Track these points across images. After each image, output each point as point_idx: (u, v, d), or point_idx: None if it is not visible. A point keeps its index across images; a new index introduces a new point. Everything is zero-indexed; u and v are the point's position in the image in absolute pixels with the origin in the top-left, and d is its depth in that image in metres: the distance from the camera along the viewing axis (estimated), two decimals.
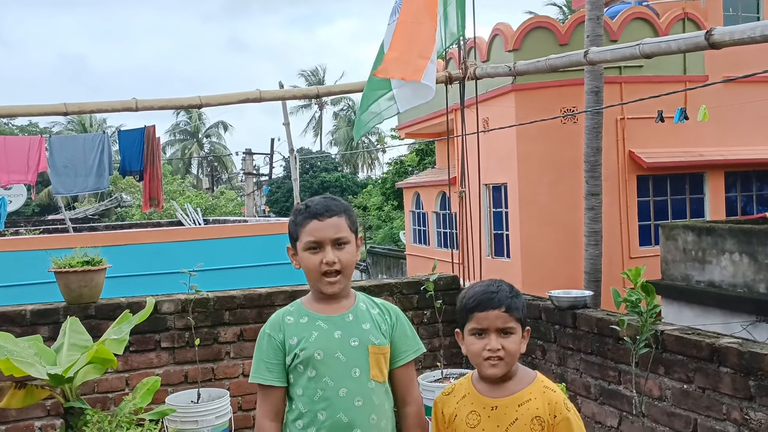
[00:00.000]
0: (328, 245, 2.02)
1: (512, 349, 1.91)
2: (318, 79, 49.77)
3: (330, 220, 2.03)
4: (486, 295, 1.93)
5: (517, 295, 1.97)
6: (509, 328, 1.92)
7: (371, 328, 2.08)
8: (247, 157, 25.23)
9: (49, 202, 32.17)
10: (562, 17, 28.39)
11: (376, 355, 2.05)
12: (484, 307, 1.92)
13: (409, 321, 2.21)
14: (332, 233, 2.02)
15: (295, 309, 2.11)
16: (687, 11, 13.54)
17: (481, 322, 1.92)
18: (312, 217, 2.03)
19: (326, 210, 2.04)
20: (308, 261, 2.03)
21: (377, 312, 2.14)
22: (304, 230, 2.04)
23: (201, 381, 4.27)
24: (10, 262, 8.87)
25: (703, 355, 3.11)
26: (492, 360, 1.90)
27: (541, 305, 4.28)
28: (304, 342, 2.02)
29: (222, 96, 5.81)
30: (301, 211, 2.07)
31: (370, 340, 2.06)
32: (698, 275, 10.02)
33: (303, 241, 2.04)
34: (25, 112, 5.83)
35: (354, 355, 2.02)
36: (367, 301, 2.17)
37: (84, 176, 9.20)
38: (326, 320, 2.06)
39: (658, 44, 3.99)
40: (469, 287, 2.02)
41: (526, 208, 12.91)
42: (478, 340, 1.93)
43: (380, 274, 26.38)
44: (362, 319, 2.09)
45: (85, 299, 4.20)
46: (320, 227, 2.02)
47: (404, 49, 4.37)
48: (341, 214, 2.06)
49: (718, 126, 12.83)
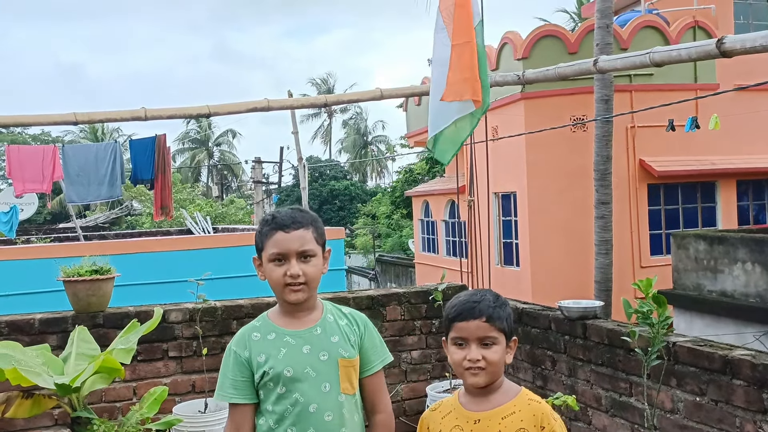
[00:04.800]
0: (293, 257, 1.99)
1: (493, 359, 1.89)
2: (328, 87, 49.93)
3: (296, 232, 2.00)
4: (468, 305, 1.92)
5: (501, 305, 1.95)
6: (490, 338, 1.90)
7: (340, 340, 2.04)
8: (257, 166, 25.29)
9: (61, 210, 32.37)
10: (572, 24, 28.35)
11: (346, 368, 2.02)
12: (464, 317, 1.91)
13: (376, 329, 2.17)
14: (297, 245, 1.99)
15: (262, 324, 2.07)
16: (697, 19, 13.49)
17: (461, 331, 1.91)
18: (278, 229, 2.00)
19: (292, 222, 2.01)
20: (272, 273, 2.00)
21: (345, 323, 2.10)
22: (269, 241, 2.01)
23: (208, 391, 4.25)
24: (21, 271, 8.92)
25: (715, 367, 3.07)
26: (473, 370, 1.89)
27: (551, 315, 4.24)
28: (272, 360, 1.98)
29: (230, 105, 5.82)
30: (268, 221, 2.04)
31: (339, 354, 2.02)
32: (710, 285, 9.93)
33: (268, 252, 2.01)
34: (35, 122, 5.87)
35: (324, 370, 2.00)
36: (335, 311, 2.13)
37: (97, 185, 9.25)
38: (294, 335, 2.02)
39: (669, 53, 3.96)
40: (454, 297, 2.00)
41: (536, 217, 12.86)
42: (459, 350, 1.92)
43: (389, 282, 26.33)
44: (330, 332, 2.05)
45: (94, 308, 4.20)
46: (285, 239, 1.99)
47: (461, 71, 4.42)
48: (308, 226, 2.03)
49: (730, 134, 12.74)
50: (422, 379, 4.89)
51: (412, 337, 4.90)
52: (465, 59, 4.40)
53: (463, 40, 4.44)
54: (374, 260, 28.29)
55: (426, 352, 4.94)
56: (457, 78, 4.41)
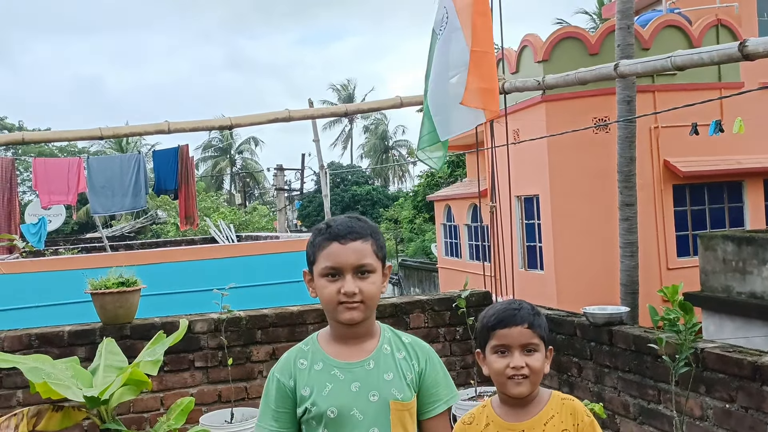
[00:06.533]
0: (348, 273, 1.73)
1: (536, 366, 1.87)
2: (348, 93, 50.12)
3: (353, 244, 1.74)
4: (508, 312, 1.90)
5: (538, 313, 1.94)
6: (533, 344, 1.88)
7: (394, 378, 1.78)
8: (279, 173, 25.45)
9: (87, 221, 32.86)
10: (592, 26, 28.14)
11: (399, 412, 1.75)
12: (506, 324, 1.88)
13: (441, 362, 1.90)
14: (354, 259, 1.73)
15: (310, 349, 1.83)
16: (720, 18, 13.30)
17: (503, 339, 1.88)
18: (332, 239, 1.75)
19: (349, 232, 1.75)
20: (324, 289, 1.75)
21: (403, 356, 1.82)
22: (322, 253, 1.76)
23: (234, 400, 4.29)
24: (49, 282, 9.07)
25: (745, 373, 3.02)
26: (516, 378, 1.86)
27: (576, 321, 4.21)
28: (316, 395, 1.75)
29: (251, 116, 5.87)
30: (321, 231, 1.79)
31: (392, 395, 1.76)
32: (739, 286, 9.76)
33: (320, 265, 1.76)
34: (63, 138, 5.98)
35: (373, 413, 1.73)
36: (394, 340, 1.85)
37: (121, 196, 9.38)
38: (343, 369, 1.77)
39: (691, 56, 3.91)
40: (489, 307, 1.98)
41: (559, 220, 12.76)
42: (500, 359, 1.88)
43: (412, 287, 26.30)
44: (385, 368, 1.78)
45: (121, 320, 4.26)
46: (341, 251, 1.73)
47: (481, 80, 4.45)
48: (367, 237, 1.77)
49: (756, 133, 12.53)
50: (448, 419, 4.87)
51: (436, 344, 4.89)
52: (484, 69, 4.40)
53: (481, 48, 4.45)
54: (397, 265, 28.27)
55: (450, 360, 4.93)
56: (475, 86, 4.42)
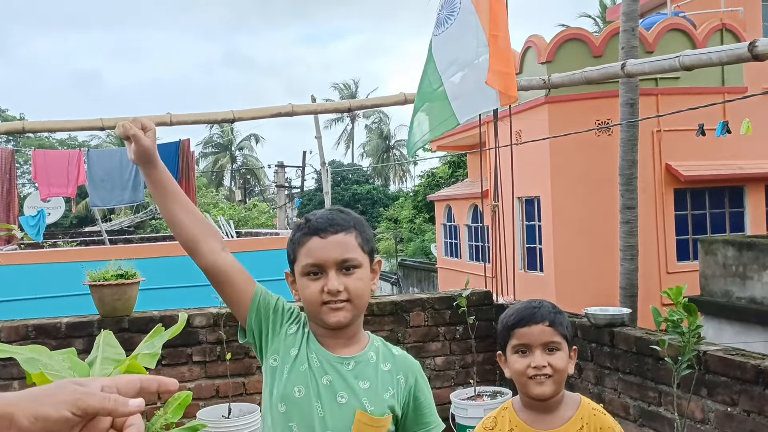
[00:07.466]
0: (331, 269, 1.55)
1: (559, 365, 1.78)
2: (351, 92, 50.09)
3: (334, 237, 1.56)
4: (528, 310, 1.83)
5: (560, 311, 1.87)
6: (555, 343, 1.80)
7: (370, 388, 1.57)
8: (279, 170, 25.43)
9: (87, 214, 32.82)
10: (596, 29, 28.12)
11: (363, 425, 1.53)
12: (526, 322, 1.81)
13: (428, 384, 1.70)
14: (337, 254, 1.55)
15: (305, 323, 1.65)
16: (725, 21, 13.28)
17: (523, 338, 1.80)
18: (312, 234, 1.57)
19: (330, 224, 1.57)
20: (306, 289, 1.56)
21: (388, 369, 1.62)
22: (302, 250, 1.58)
23: (232, 395, 4.26)
24: (48, 274, 9.04)
25: (747, 377, 3.00)
26: (538, 378, 1.77)
27: (577, 322, 4.18)
28: (292, 362, 1.58)
29: (254, 110, 5.84)
30: (301, 226, 1.62)
31: (361, 404, 1.55)
32: (739, 291, 9.74)
33: (301, 263, 1.58)
34: (62, 127, 5.95)
35: (335, 415, 1.53)
36: (383, 350, 1.66)
37: (120, 189, 9.36)
38: (322, 356, 1.59)
39: (699, 56, 3.89)
40: (509, 307, 1.92)
41: (560, 222, 12.74)
42: (521, 358, 1.81)
43: (411, 287, 26.27)
44: (363, 374, 1.59)
45: (119, 312, 4.24)
46: (322, 246, 1.56)
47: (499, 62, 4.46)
48: (350, 229, 1.59)
49: (758, 138, 12.49)
50: (446, 386, 4.85)
51: (436, 343, 4.87)
52: (502, 53, 4.41)
53: (499, 32, 4.45)
54: (396, 265, 28.24)
55: (450, 359, 4.91)
56: (496, 68, 4.42)
